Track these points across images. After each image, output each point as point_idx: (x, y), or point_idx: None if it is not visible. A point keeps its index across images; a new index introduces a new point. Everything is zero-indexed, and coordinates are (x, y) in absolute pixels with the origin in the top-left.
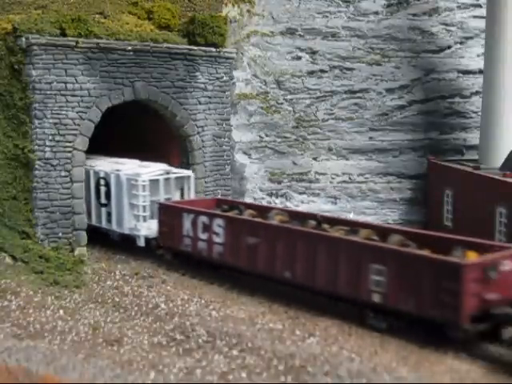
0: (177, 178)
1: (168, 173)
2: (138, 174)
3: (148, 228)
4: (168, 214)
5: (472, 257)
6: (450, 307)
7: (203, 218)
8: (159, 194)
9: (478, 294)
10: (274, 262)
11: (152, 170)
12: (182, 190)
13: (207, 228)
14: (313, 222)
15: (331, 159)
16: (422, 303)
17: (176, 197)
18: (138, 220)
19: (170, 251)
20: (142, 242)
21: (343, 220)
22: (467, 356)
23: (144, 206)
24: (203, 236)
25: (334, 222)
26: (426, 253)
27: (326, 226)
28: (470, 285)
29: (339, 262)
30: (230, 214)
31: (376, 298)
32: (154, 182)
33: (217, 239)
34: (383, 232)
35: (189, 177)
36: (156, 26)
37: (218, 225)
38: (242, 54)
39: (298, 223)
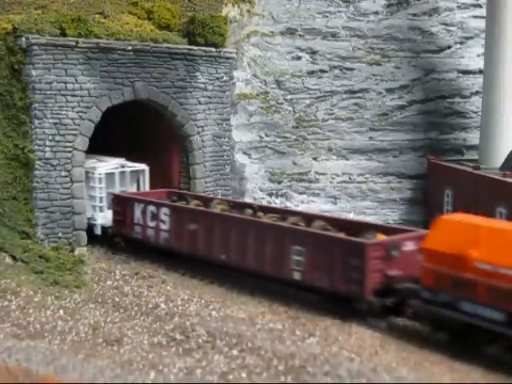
0: (132, 172)
1: (123, 166)
2: (95, 167)
3: (104, 217)
4: (121, 204)
5: (380, 238)
6: (356, 282)
7: (151, 208)
8: (115, 186)
9: (381, 270)
10: (211, 245)
11: (108, 164)
12: (138, 182)
13: (155, 216)
14: (249, 211)
15: (331, 159)
16: (334, 280)
17: (133, 189)
18: (95, 210)
19: (123, 238)
20: (98, 231)
21: (276, 208)
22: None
23: (100, 197)
24: (151, 224)
25: (267, 210)
26: (338, 235)
27: (260, 213)
28: (373, 262)
29: (266, 245)
30: (175, 203)
31: (296, 276)
32: (109, 175)
33: (163, 226)
34: (309, 219)
35: (143, 170)
36: (156, 26)
37: (164, 213)
38: (242, 54)
39: (236, 211)
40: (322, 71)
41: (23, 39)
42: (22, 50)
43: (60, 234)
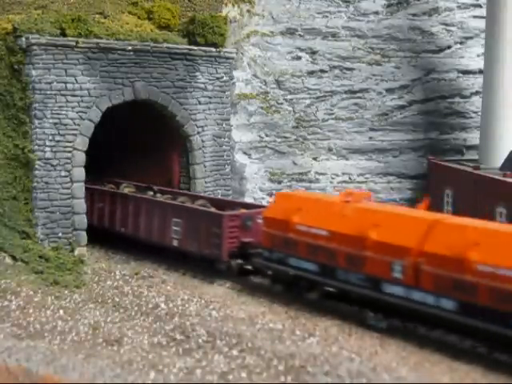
0: None
1: None
2: None
3: None
4: None
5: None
6: (216, 246)
7: None
8: None
9: (237, 237)
10: (114, 220)
11: None
12: None
13: None
14: (150, 192)
15: (331, 159)
16: (201, 245)
17: None
18: None
19: None
20: None
21: (172, 191)
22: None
23: None
24: None
25: (165, 192)
26: (205, 208)
27: (159, 194)
28: (229, 230)
29: (154, 218)
30: (87, 186)
31: (175, 243)
32: None
33: None
34: (195, 198)
35: None
36: (156, 26)
37: None
38: (242, 54)
39: (139, 193)
40: (322, 71)
41: (23, 39)
42: (22, 50)
43: (60, 234)
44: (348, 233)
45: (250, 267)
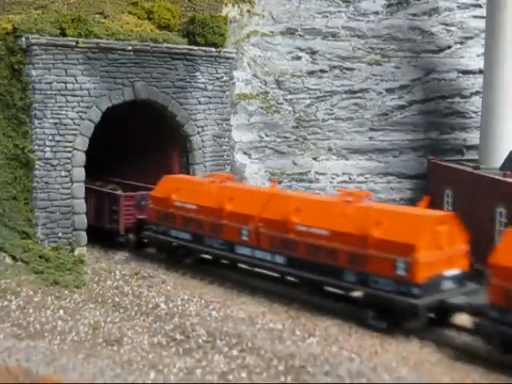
0: None
1: None
2: None
3: None
4: None
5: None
6: (115, 222)
7: None
8: None
9: (133, 214)
10: None
11: None
12: None
13: None
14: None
15: (331, 159)
16: (105, 221)
17: None
18: None
19: None
20: None
21: (93, 178)
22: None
23: None
24: None
25: (102, 179)
26: (108, 190)
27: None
28: (125, 208)
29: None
30: None
31: (90, 221)
32: None
33: None
34: (109, 182)
35: None
36: (156, 26)
37: None
38: (242, 53)
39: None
40: (322, 71)
41: (23, 39)
42: (22, 50)
43: (60, 234)
44: (210, 206)
45: (145, 240)
